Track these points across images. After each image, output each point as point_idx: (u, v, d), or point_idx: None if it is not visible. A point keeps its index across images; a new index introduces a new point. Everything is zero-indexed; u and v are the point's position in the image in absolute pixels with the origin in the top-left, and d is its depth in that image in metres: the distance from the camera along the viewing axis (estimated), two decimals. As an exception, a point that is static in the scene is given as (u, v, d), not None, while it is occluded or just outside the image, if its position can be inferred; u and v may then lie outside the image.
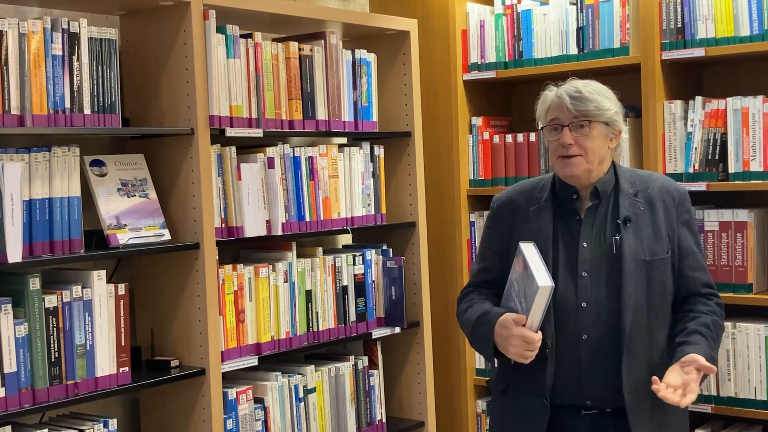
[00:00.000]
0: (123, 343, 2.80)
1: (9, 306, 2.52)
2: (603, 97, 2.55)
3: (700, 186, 3.40)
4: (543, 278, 2.38)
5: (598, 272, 2.52)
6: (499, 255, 2.69)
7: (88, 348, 2.70)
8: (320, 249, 3.43)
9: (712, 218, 3.42)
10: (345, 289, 3.49)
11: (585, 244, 2.55)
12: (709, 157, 3.41)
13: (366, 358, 3.60)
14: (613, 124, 2.56)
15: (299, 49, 3.34)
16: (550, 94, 2.60)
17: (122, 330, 2.79)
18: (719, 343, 2.58)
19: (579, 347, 2.52)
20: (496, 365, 2.71)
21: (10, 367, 2.51)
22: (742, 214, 3.37)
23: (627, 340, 2.48)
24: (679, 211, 2.59)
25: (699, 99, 3.45)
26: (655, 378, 2.39)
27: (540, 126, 2.64)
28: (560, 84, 2.61)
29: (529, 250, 2.47)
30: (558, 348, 2.53)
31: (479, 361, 4.01)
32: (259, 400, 3.19)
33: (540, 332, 2.44)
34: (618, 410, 2.52)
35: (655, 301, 2.54)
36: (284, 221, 3.26)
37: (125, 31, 3.11)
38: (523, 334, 2.44)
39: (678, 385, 2.39)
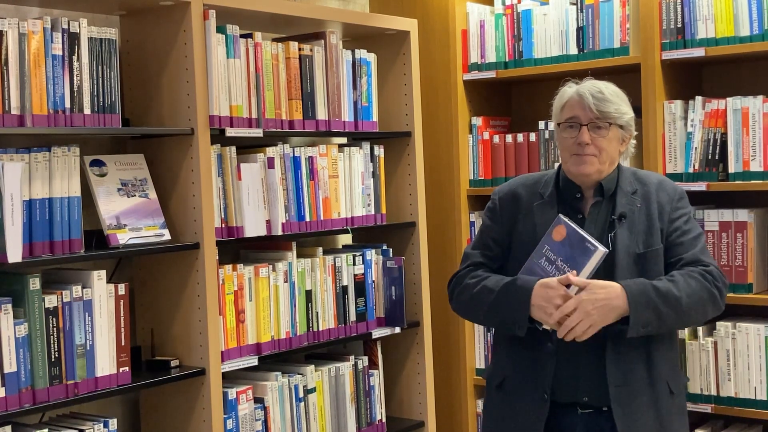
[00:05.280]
0: (123, 343, 2.80)
1: (9, 306, 2.52)
2: (621, 101, 2.58)
3: (700, 186, 3.40)
4: (597, 243, 2.45)
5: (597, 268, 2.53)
6: (501, 246, 2.69)
7: (88, 348, 2.70)
8: (320, 249, 3.43)
9: (712, 218, 3.42)
10: (345, 289, 3.48)
11: None
12: (709, 157, 3.41)
13: (366, 358, 3.60)
14: (628, 128, 2.60)
15: (299, 49, 3.34)
16: (570, 90, 2.60)
17: (122, 330, 2.79)
18: (687, 283, 2.49)
19: (577, 343, 2.52)
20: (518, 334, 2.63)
21: (10, 367, 2.51)
22: (742, 214, 3.37)
23: (612, 332, 2.49)
24: (673, 207, 2.60)
25: (699, 99, 3.45)
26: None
27: (555, 122, 2.64)
28: (578, 81, 2.61)
29: (570, 222, 2.51)
30: (558, 343, 2.53)
31: (479, 361, 4.01)
32: (259, 400, 3.19)
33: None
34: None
35: None
36: (284, 221, 3.26)
37: (125, 31, 3.11)
38: (568, 293, 2.44)
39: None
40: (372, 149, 3.64)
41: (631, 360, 2.51)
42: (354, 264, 3.51)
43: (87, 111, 2.74)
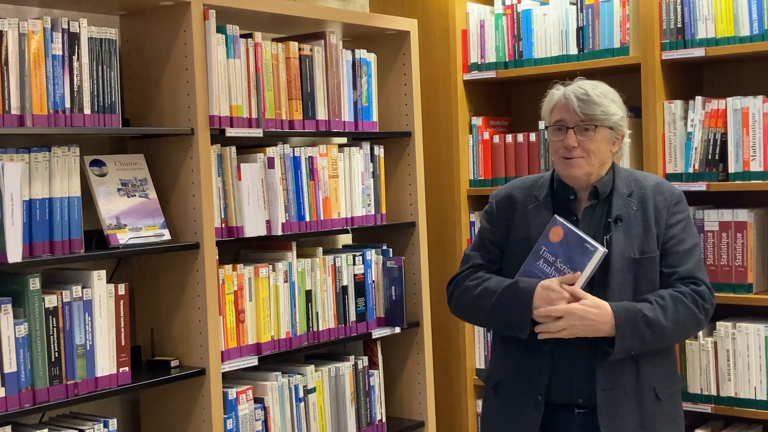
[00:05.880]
0: (123, 343, 2.80)
1: (9, 306, 2.51)
2: (610, 101, 2.56)
3: (700, 186, 3.40)
4: (596, 244, 2.47)
5: None
6: (499, 249, 2.70)
7: (88, 348, 2.70)
8: (320, 249, 3.43)
9: (712, 218, 3.42)
10: (345, 289, 3.48)
11: None
12: (709, 157, 3.41)
13: (366, 358, 3.60)
14: (618, 128, 2.58)
15: (299, 49, 3.34)
16: (557, 93, 2.59)
17: (122, 330, 2.79)
18: (676, 310, 2.50)
19: (571, 345, 2.52)
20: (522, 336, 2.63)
21: (10, 367, 2.51)
22: (742, 214, 3.37)
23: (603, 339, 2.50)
24: (669, 212, 2.59)
25: (699, 99, 3.45)
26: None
27: (544, 125, 2.64)
28: (567, 83, 2.60)
29: (566, 222, 2.52)
30: (553, 346, 2.53)
31: (479, 361, 4.01)
32: (259, 400, 3.19)
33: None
34: None
35: None
36: (284, 221, 3.26)
37: (125, 31, 3.11)
38: (574, 291, 2.47)
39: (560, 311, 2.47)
40: (372, 149, 3.64)
41: (621, 364, 2.51)
42: (354, 264, 3.51)
43: (87, 111, 2.74)
